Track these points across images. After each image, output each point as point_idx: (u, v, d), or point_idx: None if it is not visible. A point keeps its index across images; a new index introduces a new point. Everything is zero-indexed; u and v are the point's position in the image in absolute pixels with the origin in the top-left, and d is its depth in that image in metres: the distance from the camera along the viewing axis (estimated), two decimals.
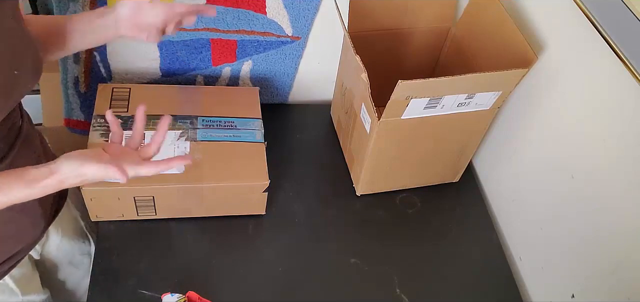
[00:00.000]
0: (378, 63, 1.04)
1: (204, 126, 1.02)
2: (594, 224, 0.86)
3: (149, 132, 0.81)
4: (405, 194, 1.15)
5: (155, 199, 0.94)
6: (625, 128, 0.79)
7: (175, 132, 0.99)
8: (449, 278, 1.04)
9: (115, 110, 1.00)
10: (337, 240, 1.04)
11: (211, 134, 1.01)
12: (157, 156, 0.77)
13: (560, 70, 0.91)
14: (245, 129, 1.03)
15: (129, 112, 1.01)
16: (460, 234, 1.12)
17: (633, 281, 0.79)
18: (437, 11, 1.14)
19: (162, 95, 1.08)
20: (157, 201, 0.94)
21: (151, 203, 0.95)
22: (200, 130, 1.01)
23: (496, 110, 1.01)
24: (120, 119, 0.92)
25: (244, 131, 1.03)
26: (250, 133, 1.03)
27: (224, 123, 1.04)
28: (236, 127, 1.03)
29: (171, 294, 0.90)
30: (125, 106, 1.02)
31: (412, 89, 0.87)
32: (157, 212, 0.97)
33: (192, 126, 1.01)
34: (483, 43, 1.06)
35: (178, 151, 0.96)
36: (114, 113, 0.86)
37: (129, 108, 1.01)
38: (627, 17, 0.74)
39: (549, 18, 0.94)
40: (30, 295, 0.93)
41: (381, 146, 1.01)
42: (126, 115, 1.00)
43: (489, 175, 1.18)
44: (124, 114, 1.00)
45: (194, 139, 0.99)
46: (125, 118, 0.99)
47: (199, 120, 1.03)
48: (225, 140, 1.01)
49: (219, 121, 1.04)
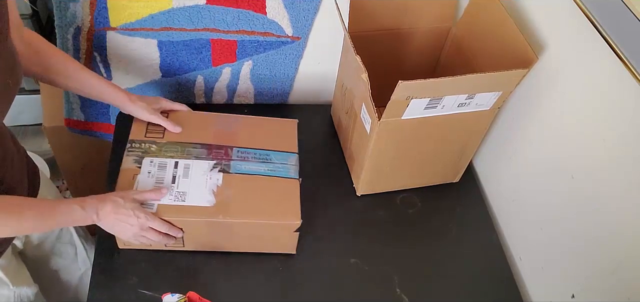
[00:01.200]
0: (378, 63, 1.05)
1: (239, 158, 0.99)
2: (594, 224, 0.86)
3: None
4: (405, 194, 1.16)
5: (184, 231, 0.92)
6: (625, 128, 0.79)
7: (208, 162, 0.97)
8: (449, 278, 1.04)
9: (150, 135, 0.99)
10: (337, 240, 1.04)
11: (245, 166, 0.98)
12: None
13: (561, 71, 0.91)
14: (280, 164, 1.00)
15: (164, 138, 0.99)
16: (460, 234, 1.12)
17: (633, 281, 0.79)
18: (437, 11, 1.14)
19: (200, 121, 1.04)
20: (185, 234, 0.93)
21: (180, 235, 0.94)
22: (234, 162, 0.98)
23: (496, 110, 1.01)
24: (154, 145, 0.96)
25: (279, 166, 1.00)
26: (285, 168, 1.00)
27: (259, 156, 1.01)
28: (271, 160, 1.01)
29: (172, 294, 0.90)
30: (161, 132, 1.00)
31: (413, 90, 0.87)
32: (185, 244, 0.95)
33: (226, 157, 0.99)
34: (483, 43, 1.06)
35: (210, 182, 0.94)
36: (149, 138, 0.98)
37: (165, 134, 0.99)
38: (627, 17, 0.74)
39: (549, 18, 0.94)
40: (21, 287, 0.93)
41: (381, 146, 1.01)
42: (162, 142, 0.98)
43: (489, 175, 1.18)
44: (160, 141, 0.98)
45: (227, 171, 0.97)
46: (160, 144, 0.97)
47: (234, 151, 1.00)
48: (259, 174, 0.98)
49: (254, 153, 1.01)
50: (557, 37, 0.92)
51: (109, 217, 0.83)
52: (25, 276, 0.97)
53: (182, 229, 0.90)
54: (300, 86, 1.29)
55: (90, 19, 1.06)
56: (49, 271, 1.07)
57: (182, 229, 0.90)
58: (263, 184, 0.96)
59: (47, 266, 1.07)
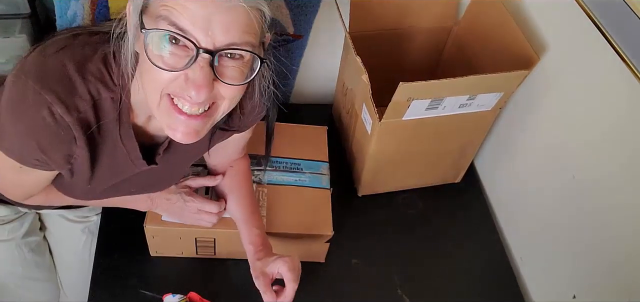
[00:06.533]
0: (379, 63, 1.04)
1: (271, 168, 1.00)
2: (594, 224, 0.86)
3: None
4: (406, 194, 1.15)
5: (216, 241, 0.93)
6: (626, 128, 0.78)
7: None
8: (450, 279, 1.04)
9: None
10: (338, 240, 1.04)
11: (277, 177, 0.99)
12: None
13: (562, 71, 0.91)
14: (311, 173, 1.01)
15: None
16: (461, 234, 1.12)
17: (634, 281, 0.79)
18: (438, 11, 1.14)
19: None
20: (217, 243, 0.93)
21: (212, 244, 0.94)
22: (266, 172, 0.99)
23: (498, 111, 1.01)
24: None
25: (310, 175, 1.01)
26: (317, 178, 1.01)
27: (290, 165, 1.02)
28: (302, 170, 1.01)
29: (173, 294, 0.90)
30: None
31: (413, 91, 0.87)
32: (216, 252, 0.96)
33: (259, 167, 1.00)
34: (485, 43, 1.06)
35: None
36: None
37: None
38: (629, 18, 0.74)
39: (551, 18, 0.94)
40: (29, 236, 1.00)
41: (382, 147, 1.01)
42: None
43: (491, 176, 1.18)
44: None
45: (260, 182, 0.98)
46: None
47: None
48: (291, 185, 0.99)
49: (285, 163, 1.02)
50: (559, 37, 0.92)
51: (162, 202, 0.88)
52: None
53: (224, 200, 0.91)
54: (301, 86, 1.28)
55: (91, 18, 1.06)
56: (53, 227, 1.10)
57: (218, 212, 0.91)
58: (294, 194, 0.97)
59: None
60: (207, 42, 0.55)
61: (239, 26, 0.56)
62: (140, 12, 0.57)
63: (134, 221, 0.90)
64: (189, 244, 0.94)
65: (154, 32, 0.56)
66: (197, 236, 0.92)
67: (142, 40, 0.57)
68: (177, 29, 0.54)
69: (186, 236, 0.92)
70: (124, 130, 0.68)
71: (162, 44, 0.56)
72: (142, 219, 0.90)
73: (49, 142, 0.62)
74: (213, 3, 0.54)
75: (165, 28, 0.55)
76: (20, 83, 0.61)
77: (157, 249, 0.95)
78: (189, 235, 0.92)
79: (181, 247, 0.95)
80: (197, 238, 0.93)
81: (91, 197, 0.82)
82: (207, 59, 0.56)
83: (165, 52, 0.56)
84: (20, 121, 0.61)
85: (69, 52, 0.64)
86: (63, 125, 0.61)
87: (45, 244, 1.09)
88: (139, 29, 0.58)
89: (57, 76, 0.61)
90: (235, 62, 0.59)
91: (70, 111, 0.61)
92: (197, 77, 0.56)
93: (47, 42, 0.66)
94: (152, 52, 0.57)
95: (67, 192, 0.79)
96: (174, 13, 0.54)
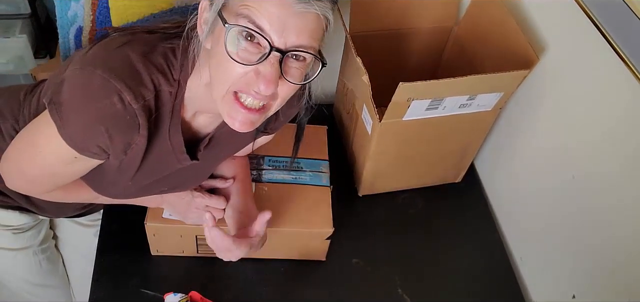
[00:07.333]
0: (380, 63, 1.04)
1: (271, 167, 1.01)
2: (594, 224, 0.86)
3: None
4: (407, 194, 1.16)
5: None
6: (626, 128, 0.79)
7: None
8: (450, 278, 1.04)
9: None
10: (339, 240, 1.04)
11: (277, 175, 1.00)
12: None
13: (562, 71, 0.91)
14: (311, 171, 1.02)
15: None
16: (461, 234, 1.12)
17: (634, 281, 0.79)
18: (439, 11, 1.14)
19: None
20: None
21: None
22: (266, 171, 1.00)
23: (498, 111, 1.01)
24: None
25: (310, 174, 1.02)
26: (317, 176, 1.02)
27: (289, 164, 1.03)
28: (302, 168, 1.03)
29: (174, 293, 0.90)
30: None
31: (413, 91, 0.87)
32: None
33: (258, 166, 1.01)
34: (485, 43, 1.06)
35: None
36: None
37: None
38: (629, 18, 0.74)
39: (551, 18, 0.94)
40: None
41: (383, 147, 1.01)
42: None
43: (491, 176, 1.18)
44: None
45: (259, 180, 0.99)
46: None
47: (265, 160, 1.02)
48: (291, 183, 1.00)
49: (285, 161, 1.03)
50: (559, 37, 0.92)
51: (171, 196, 0.89)
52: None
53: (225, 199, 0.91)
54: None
55: (91, 18, 1.06)
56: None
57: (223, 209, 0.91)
58: (294, 192, 0.98)
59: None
60: (280, 42, 0.59)
61: (309, 31, 0.60)
62: (219, 10, 0.61)
63: (134, 220, 0.90)
64: (189, 242, 0.94)
65: (235, 28, 0.59)
66: (198, 234, 0.92)
67: (216, 35, 0.62)
68: (256, 26, 0.59)
69: (187, 233, 0.92)
70: (173, 123, 0.71)
71: (238, 40, 0.60)
72: (142, 218, 0.90)
73: (117, 127, 0.64)
74: (290, 7, 0.58)
75: (246, 25, 0.59)
76: (86, 72, 0.63)
77: (158, 248, 0.95)
78: (189, 233, 0.92)
79: (182, 245, 0.95)
80: (198, 236, 0.93)
81: (126, 194, 0.84)
82: (278, 57, 0.60)
83: (240, 48, 0.60)
84: (89, 107, 0.63)
85: (131, 46, 0.67)
86: (130, 111, 0.64)
87: (57, 252, 1.10)
88: (217, 24, 0.62)
89: (124, 66, 0.64)
90: (298, 63, 0.63)
91: (137, 98, 0.64)
92: (268, 72, 0.60)
93: (105, 40, 0.70)
94: (228, 47, 0.60)
95: (104, 189, 0.81)
96: (254, 12, 0.58)
